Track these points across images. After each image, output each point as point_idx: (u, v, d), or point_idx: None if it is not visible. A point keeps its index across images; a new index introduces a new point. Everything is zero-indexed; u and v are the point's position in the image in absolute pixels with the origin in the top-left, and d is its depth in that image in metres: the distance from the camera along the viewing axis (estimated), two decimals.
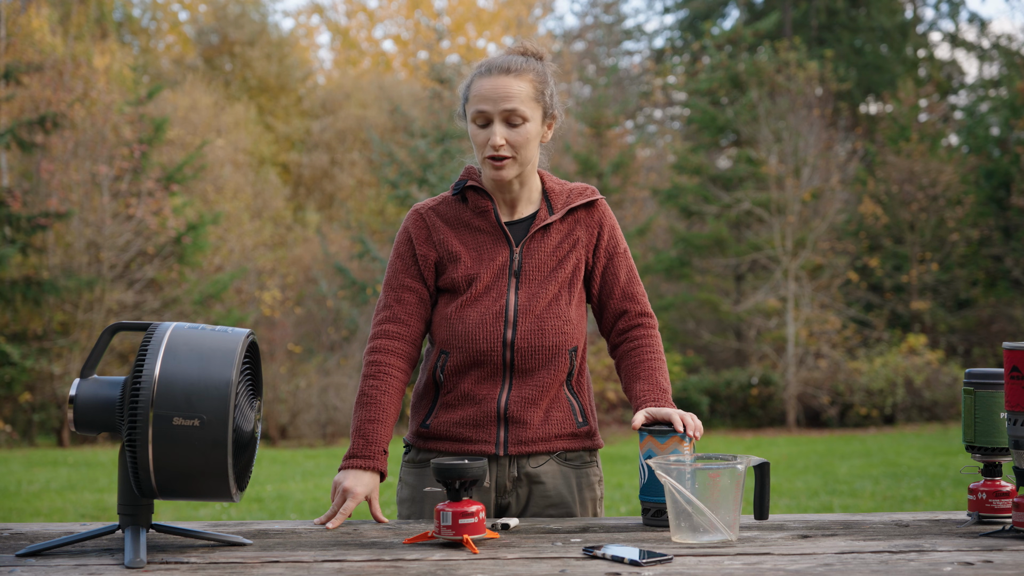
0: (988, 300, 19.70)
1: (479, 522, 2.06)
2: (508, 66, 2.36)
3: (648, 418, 2.27)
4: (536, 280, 2.38)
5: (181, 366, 1.92)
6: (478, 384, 2.37)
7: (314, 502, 8.50)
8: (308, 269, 19.82)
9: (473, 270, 2.38)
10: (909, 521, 2.27)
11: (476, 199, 2.43)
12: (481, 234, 2.41)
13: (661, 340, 2.50)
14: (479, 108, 2.34)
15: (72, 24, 20.40)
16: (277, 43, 27.13)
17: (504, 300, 2.36)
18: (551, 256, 2.40)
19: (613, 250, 2.47)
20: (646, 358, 2.42)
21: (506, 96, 2.33)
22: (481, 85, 2.35)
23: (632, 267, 2.50)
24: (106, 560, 1.95)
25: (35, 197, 15.69)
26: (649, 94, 24.97)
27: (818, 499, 8.35)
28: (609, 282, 2.47)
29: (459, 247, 2.40)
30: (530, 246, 2.40)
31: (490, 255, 2.39)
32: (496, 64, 2.37)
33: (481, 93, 2.34)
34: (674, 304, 19.35)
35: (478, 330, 2.35)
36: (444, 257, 2.41)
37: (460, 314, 2.37)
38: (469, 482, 2.07)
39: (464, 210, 2.44)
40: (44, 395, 15.41)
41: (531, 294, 2.38)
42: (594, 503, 2.48)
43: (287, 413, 16.51)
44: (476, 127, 2.37)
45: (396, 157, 17.02)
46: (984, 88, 25.02)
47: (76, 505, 8.31)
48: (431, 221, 2.44)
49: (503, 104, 2.33)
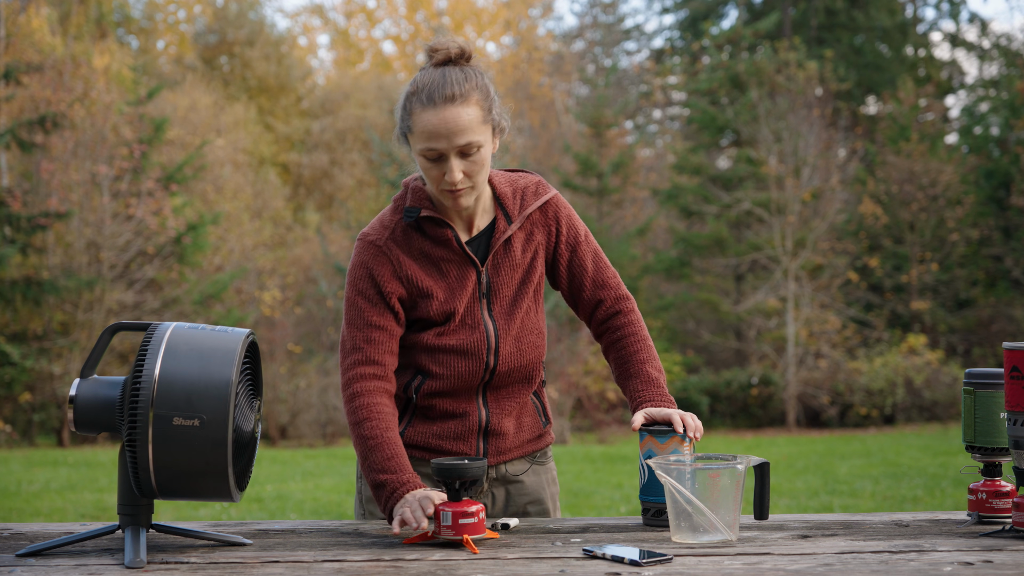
0: (988, 300, 19.71)
1: (479, 522, 2.06)
2: (452, 93, 2.18)
3: (648, 418, 2.27)
4: (507, 297, 2.36)
5: (181, 366, 1.92)
6: (456, 402, 2.37)
7: (314, 502, 8.50)
8: (308, 269, 19.83)
9: (448, 304, 2.31)
10: (909, 521, 2.27)
11: (433, 228, 2.30)
12: (446, 263, 2.31)
13: (642, 320, 2.45)
14: (430, 146, 2.18)
15: (72, 24, 20.41)
16: (276, 43, 27.14)
17: (483, 327, 2.33)
18: (516, 268, 2.37)
19: (574, 241, 2.40)
20: (633, 350, 2.40)
21: (457, 130, 2.17)
22: (426, 120, 2.18)
23: (597, 251, 2.43)
24: (106, 560, 1.95)
25: (35, 197, 15.69)
26: (649, 94, 24.98)
27: (818, 499, 8.35)
28: (577, 275, 2.41)
29: (429, 283, 2.30)
30: (495, 262, 2.35)
31: (460, 284, 2.32)
32: (438, 92, 2.18)
33: (428, 129, 2.18)
34: (674, 304, 19.36)
35: (461, 361, 2.33)
36: (414, 293, 2.30)
37: (440, 343, 2.33)
38: (469, 482, 2.07)
39: (422, 239, 2.31)
40: (44, 395, 15.41)
41: (505, 314, 2.36)
42: (555, 497, 2.53)
43: (287, 413, 16.51)
44: (427, 161, 2.21)
45: (396, 157, 17.01)
46: (984, 88, 25.02)
47: (76, 505, 8.31)
48: (393, 256, 2.30)
49: (456, 140, 2.17)
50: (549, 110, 22.96)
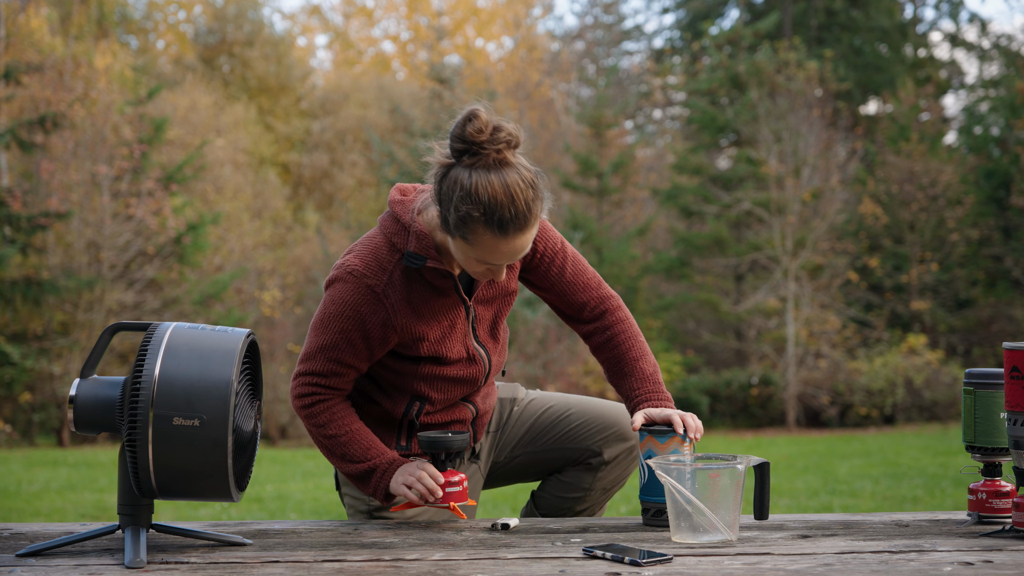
0: (988, 300, 19.70)
1: (463, 490, 2.23)
2: (526, 221, 2.10)
3: (647, 419, 2.27)
4: (487, 320, 2.41)
5: (181, 366, 1.92)
6: (452, 412, 2.45)
7: (314, 502, 8.49)
8: (308, 269, 19.82)
9: (439, 346, 2.33)
10: (909, 521, 2.27)
11: (436, 278, 2.28)
12: (441, 307, 2.31)
13: (631, 316, 2.45)
14: (488, 261, 2.15)
15: (72, 24, 20.40)
16: (275, 43, 27.13)
17: (479, 357, 2.39)
18: (496, 295, 2.40)
19: (551, 255, 2.39)
20: (625, 348, 2.41)
21: (521, 252, 2.16)
22: (493, 245, 2.11)
23: (576, 258, 2.42)
24: (106, 560, 1.95)
25: (35, 197, 15.69)
26: (649, 94, 24.97)
27: (818, 499, 8.34)
28: (557, 284, 2.42)
29: (423, 328, 2.29)
30: (478, 295, 2.37)
31: (452, 325, 2.33)
32: (512, 223, 2.09)
33: (494, 251, 2.12)
34: (674, 304, 19.36)
35: (459, 388, 2.41)
36: (405, 338, 2.29)
37: (440, 373, 2.36)
38: (454, 453, 2.24)
39: (421, 285, 2.27)
40: (44, 395, 15.41)
41: (489, 335, 2.42)
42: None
43: (287, 413, 16.52)
44: (475, 262, 2.17)
45: (396, 157, 17.01)
46: (984, 88, 25.02)
47: (76, 505, 8.30)
48: (389, 303, 2.24)
49: (516, 258, 2.18)
50: (549, 110, 22.96)
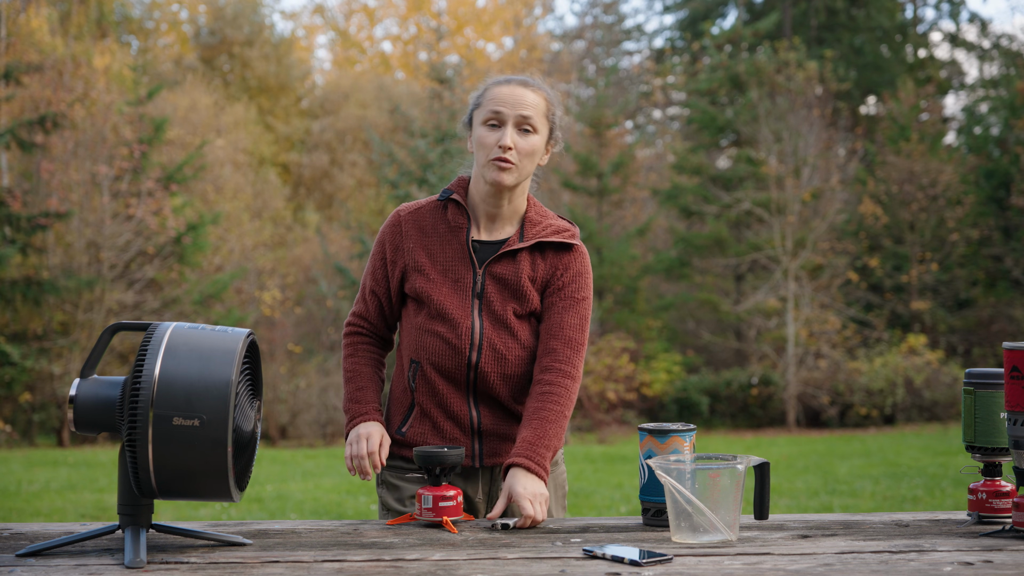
0: (988, 300, 19.70)
1: (457, 505, 2.23)
2: (526, 80, 2.47)
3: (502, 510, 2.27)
4: (498, 305, 2.42)
5: (181, 366, 1.92)
6: (449, 398, 2.44)
7: (314, 502, 8.50)
8: (308, 269, 19.82)
9: (436, 287, 2.43)
10: (909, 521, 2.27)
11: (455, 214, 2.48)
12: (449, 250, 2.46)
13: (573, 395, 2.43)
14: (495, 108, 2.41)
15: (72, 24, 20.40)
16: (276, 43, 27.13)
17: (469, 322, 2.41)
18: (514, 283, 2.42)
19: (571, 296, 2.44)
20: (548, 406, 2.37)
21: (523, 103, 2.41)
22: (499, 91, 2.44)
23: (584, 318, 2.45)
24: (106, 560, 1.95)
25: (35, 197, 15.69)
26: (649, 94, 24.98)
27: (818, 499, 8.35)
28: (549, 314, 2.44)
29: (424, 260, 2.45)
30: (493, 269, 2.43)
31: (454, 274, 2.44)
32: (514, 76, 2.49)
33: (498, 97, 2.42)
34: (674, 304, 19.36)
35: (445, 348, 2.42)
36: (410, 265, 2.47)
37: (427, 328, 2.43)
38: (448, 468, 2.25)
39: (442, 221, 2.49)
40: (44, 395, 15.41)
41: (494, 319, 2.42)
42: (562, 500, 2.58)
43: (287, 413, 16.52)
44: (486, 128, 2.42)
45: (396, 157, 17.01)
46: (984, 88, 25.03)
47: (76, 505, 8.31)
48: (405, 228, 2.49)
49: (519, 109, 2.41)
50: None
